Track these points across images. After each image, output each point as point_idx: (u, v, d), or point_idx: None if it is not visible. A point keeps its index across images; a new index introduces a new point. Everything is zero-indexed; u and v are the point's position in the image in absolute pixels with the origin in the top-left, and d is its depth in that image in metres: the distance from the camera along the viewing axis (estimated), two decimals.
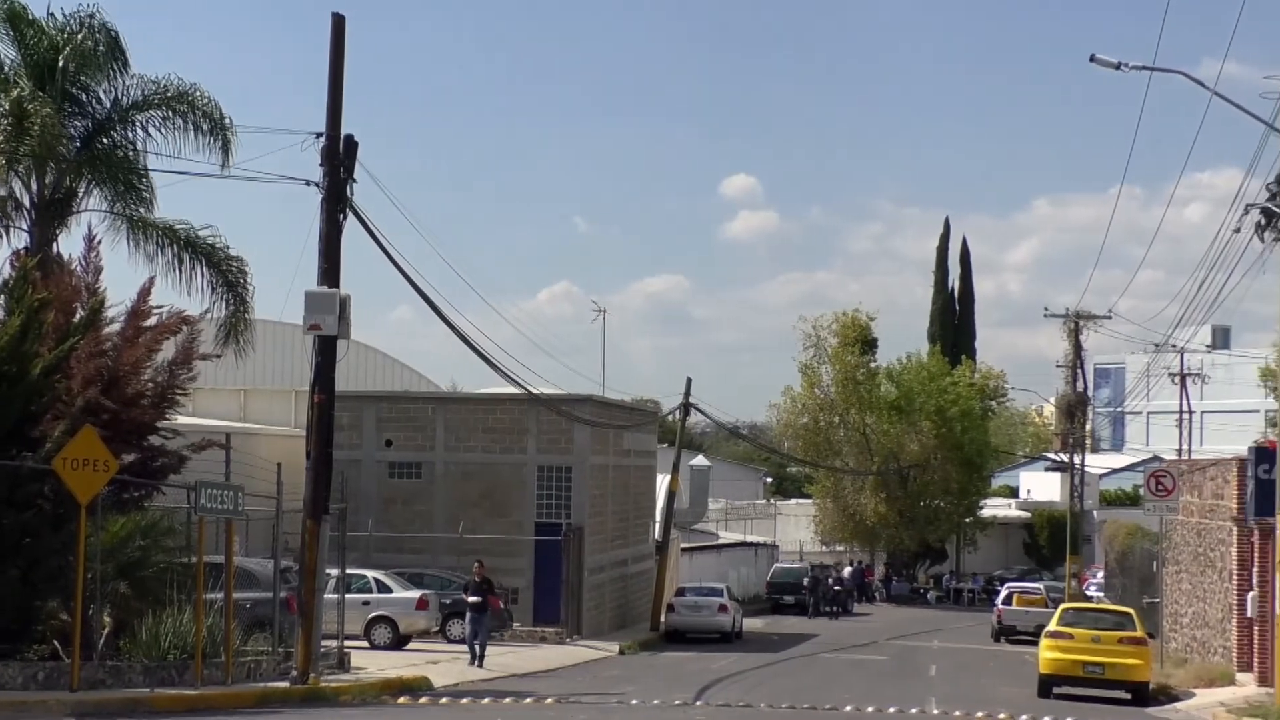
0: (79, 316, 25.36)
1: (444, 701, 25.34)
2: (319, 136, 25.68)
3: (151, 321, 27.24)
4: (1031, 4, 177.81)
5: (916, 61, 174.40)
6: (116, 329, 26.90)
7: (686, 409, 52.77)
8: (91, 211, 30.22)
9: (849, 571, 69.94)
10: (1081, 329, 64.56)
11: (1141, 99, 55.03)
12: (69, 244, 30.39)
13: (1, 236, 29.52)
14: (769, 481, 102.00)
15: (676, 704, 26.19)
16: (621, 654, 40.42)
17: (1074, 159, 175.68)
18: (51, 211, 29.58)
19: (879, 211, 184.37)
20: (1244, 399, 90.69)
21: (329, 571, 28.37)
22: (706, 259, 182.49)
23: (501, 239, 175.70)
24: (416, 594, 37.20)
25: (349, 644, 30.44)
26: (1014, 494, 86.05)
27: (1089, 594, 59.59)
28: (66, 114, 29.77)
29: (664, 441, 60.02)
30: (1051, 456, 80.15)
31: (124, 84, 30.61)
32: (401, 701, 24.92)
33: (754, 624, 54.26)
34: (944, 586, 76.76)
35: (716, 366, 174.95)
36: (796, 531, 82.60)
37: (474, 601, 33.39)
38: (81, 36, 29.97)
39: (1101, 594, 58.62)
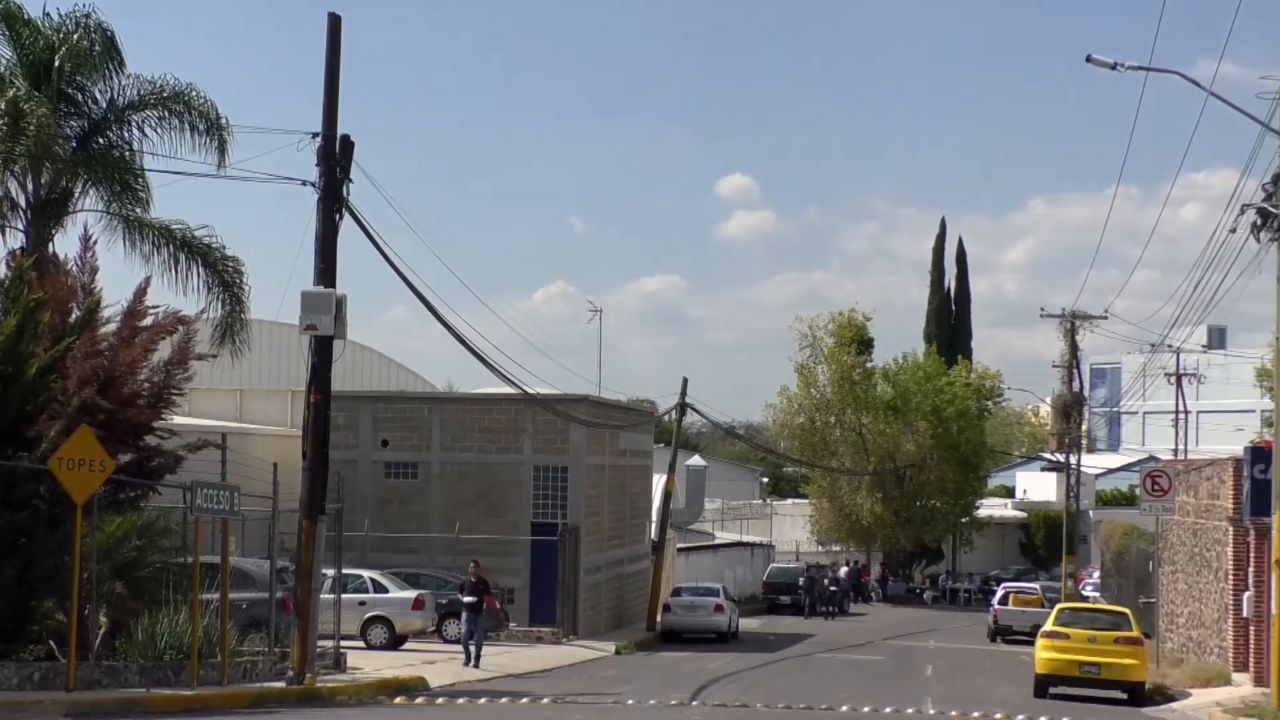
0: (75, 316, 25.35)
1: (440, 702, 25.34)
2: (315, 136, 25.64)
3: (148, 321, 27.24)
4: (1027, 4, 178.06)
5: (912, 61, 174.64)
6: (113, 329, 26.90)
7: (682, 409, 52.76)
8: (87, 211, 30.24)
9: (845, 571, 69.90)
10: (1077, 329, 64.62)
11: (1138, 99, 55.33)
12: (65, 244, 30.34)
13: None
14: (765, 481, 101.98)
15: (673, 704, 26.18)
16: (618, 654, 40.41)
17: (1070, 159, 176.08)
18: (47, 211, 29.55)
19: (875, 211, 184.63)
20: (1240, 399, 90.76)
21: (325, 571, 28.38)
22: (703, 259, 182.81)
23: (497, 239, 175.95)
24: (413, 594, 37.18)
25: (345, 644, 30.41)
26: (1010, 494, 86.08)
27: (1085, 594, 59.59)
28: (62, 114, 29.73)
29: (660, 441, 60.00)
30: (1047, 456, 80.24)
31: (120, 84, 30.61)
32: (398, 702, 24.91)
33: (750, 624, 54.27)
34: (940, 586, 76.75)
35: (712, 366, 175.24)
36: (793, 531, 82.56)
37: (469, 602, 33.41)
38: (77, 36, 29.94)
39: (1097, 594, 58.63)
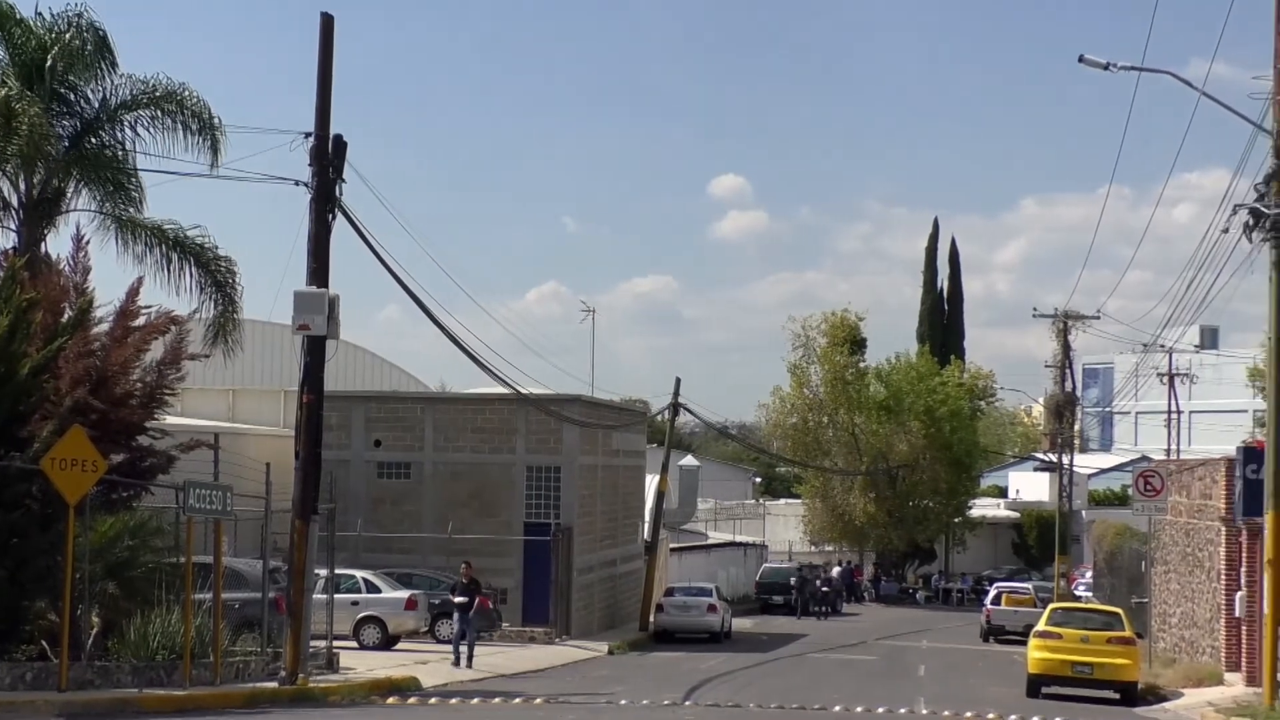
0: (67, 316, 25.32)
1: (433, 702, 25.34)
2: (308, 136, 25.64)
3: (140, 321, 27.19)
4: (1020, 4, 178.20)
5: (905, 62, 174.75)
6: (105, 329, 26.85)
7: (675, 409, 52.77)
8: (80, 211, 30.22)
9: (838, 571, 69.88)
10: (1070, 329, 64.67)
11: (1130, 99, 55.26)
12: (57, 244, 30.29)
13: None
14: (758, 481, 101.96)
15: (666, 704, 26.18)
16: (610, 654, 40.41)
17: (1062, 159, 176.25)
18: (40, 211, 29.51)
19: (868, 211, 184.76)
20: (1232, 399, 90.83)
21: (318, 572, 28.35)
22: (696, 259, 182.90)
23: (491, 239, 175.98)
24: (405, 594, 37.16)
25: (338, 644, 30.40)
26: (1003, 494, 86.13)
27: (1077, 594, 59.65)
28: (55, 113, 29.70)
29: (653, 441, 59.99)
30: (1040, 456, 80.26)
31: (112, 83, 30.60)
32: (390, 702, 24.90)
33: (743, 624, 54.29)
34: (933, 586, 76.75)
35: (705, 366, 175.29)
36: (785, 531, 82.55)
37: (461, 602, 33.40)
38: (69, 36, 29.90)
39: (1090, 594, 58.66)
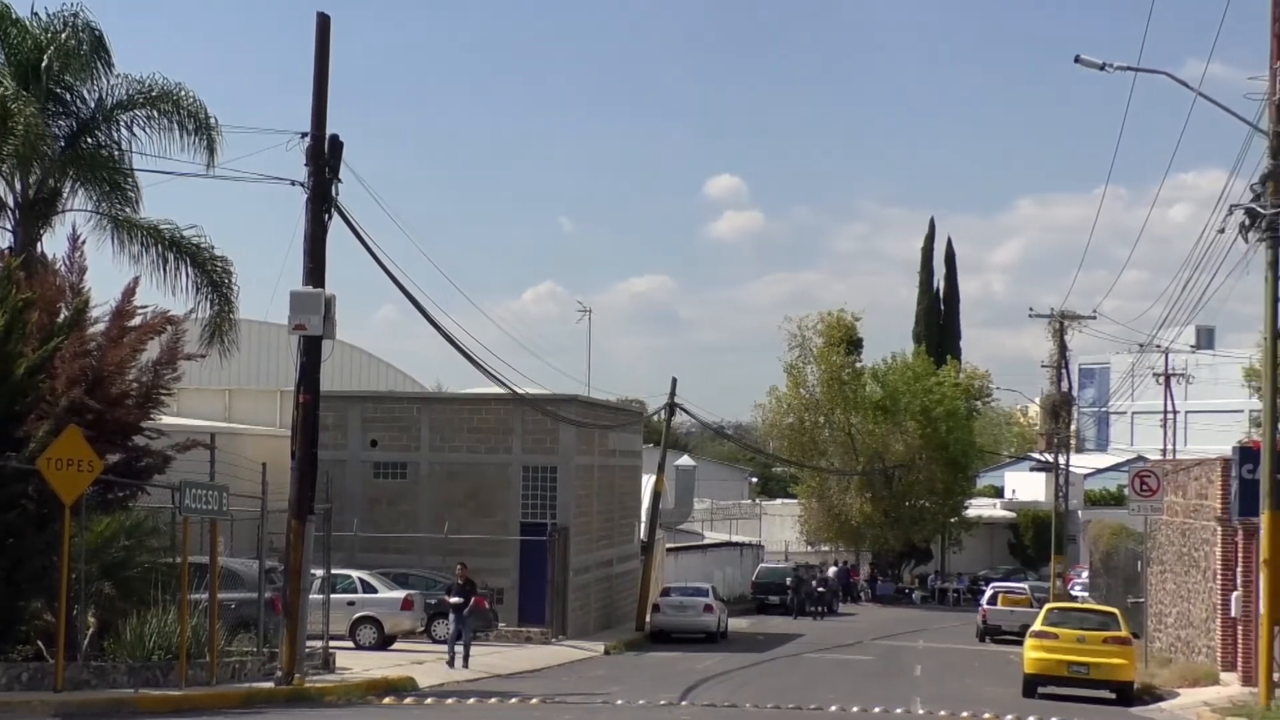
0: (63, 316, 25.28)
1: (429, 702, 25.33)
2: (304, 136, 25.63)
3: (136, 321, 27.15)
4: (1015, 4, 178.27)
5: (901, 62, 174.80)
6: (101, 329, 26.81)
7: (672, 409, 52.77)
8: (76, 211, 30.18)
9: (834, 571, 69.92)
10: (1066, 329, 64.67)
11: (1126, 99, 55.28)
12: (53, 244, 30.31)
13: None
14: (754, 481, 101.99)
15: (662, 704, 26.19)
16: (607, 654, 40.42)
17: (1058, 159, 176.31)
18: (36, 211, 29.48)
19: (864, 211, 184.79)
20: (1228, 399, 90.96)
21: (314, 572, 28.35)
22: (692, 259, 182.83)
23: (487, 238, 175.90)
24: (401, 594, 37.16)
25: (334, 644, 30.41)
26: (999, 494, 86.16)
27: (1074, 594, 59.69)
28: (50, 113, 29.66)
29: (649, 441, 60.01)
30: (1036, 456, 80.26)
31: (108, 83, 30.54)
32: (387, 702, 24.90)
33: (739, 624, 54.30)
34: (929, 586, 76.77)
35: (702, 366, 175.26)
36: (782, 531, 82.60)
37: (456, 603, 33.40)
38: (65, 36, 29.86)
39: (1086, 594, 58.70)
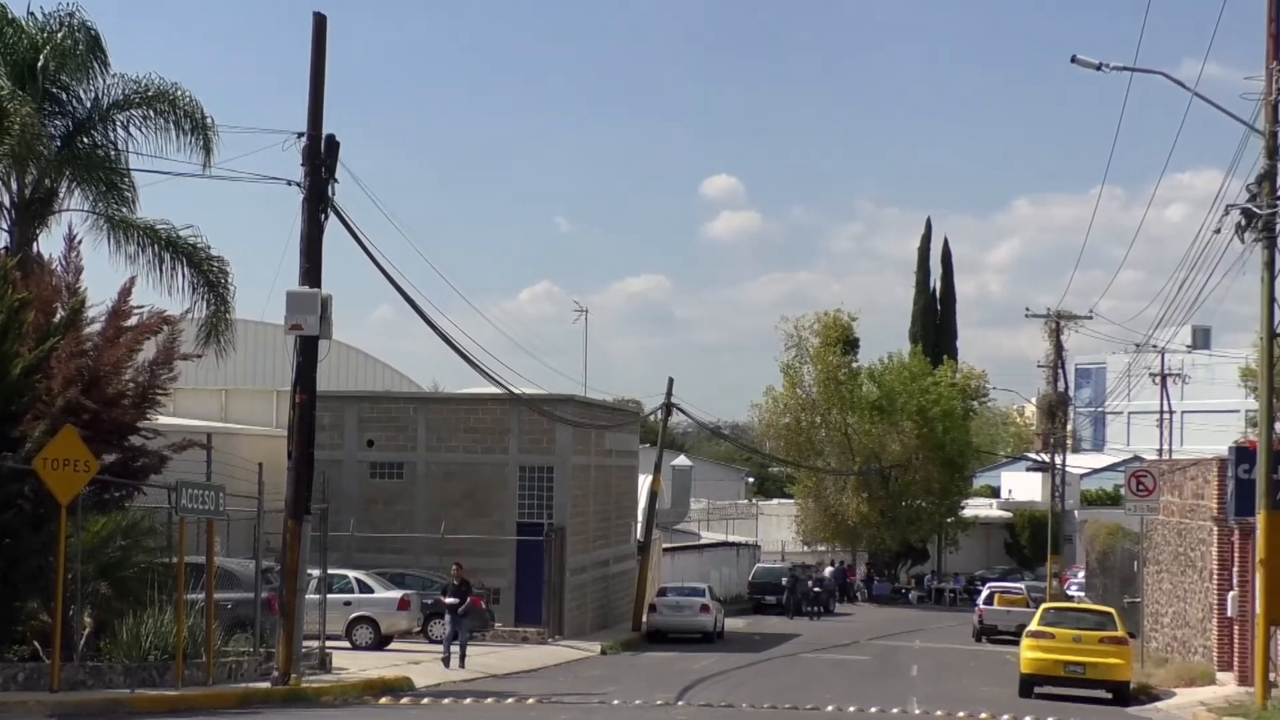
0: (59, 316, 25.29)
1: (426, 702, 25.33)
2: (300, 136, 25.62)
3: (132, 321, 27.17)
4: (1012, 4, 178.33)
5: (897, 62, 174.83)
6: (97, 329, 26.82)
7: (668, 409, 52.76)
8: (72, 211, 30.19)
9: (830, 571, 69.92)
10: (1062, 329, 64.75)
11: (1122, 100, 55.30)
12: (49, 244, 30.30)
13: None
14: (751, 481, 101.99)
15: (658, 704, 26.19)
16: (603, 654, 40.41)
17: (1055, 159, 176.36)
18: (32, 211, 29.48)
19: (860, 212, 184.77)
20: (1224, 399, 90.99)
21: (310, 572, 28.35)
22: (688, 259, 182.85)
23: (483, 238, 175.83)
24: (398, 594, 37.15)
25: (330, 644, 30.39)
26: (995, 494, 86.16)
27: (1070, 594, 59.68)
28: (47, 113, 29.66)
29: (646, 442, 60.01)
30: (1033, 456, 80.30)
31: (105, 83, 30.57)
32: (383, 702, 24.89)
33: (736, 624, 54.29)
34: (925, 586, 76.82)
35: (698, 366, 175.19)
36: (778, 531, 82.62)
37: (452, 603, 33.39)
38: (61, 35, 29.88)
39: (1082, 594, 58.71)
